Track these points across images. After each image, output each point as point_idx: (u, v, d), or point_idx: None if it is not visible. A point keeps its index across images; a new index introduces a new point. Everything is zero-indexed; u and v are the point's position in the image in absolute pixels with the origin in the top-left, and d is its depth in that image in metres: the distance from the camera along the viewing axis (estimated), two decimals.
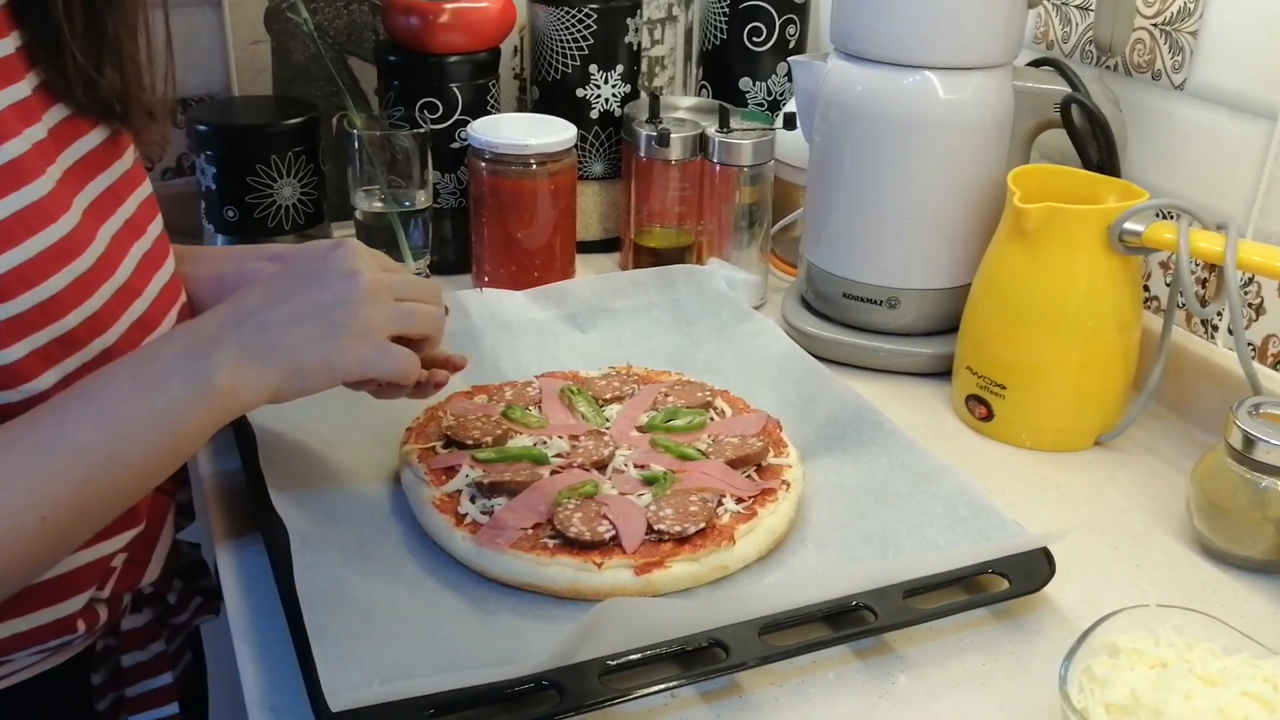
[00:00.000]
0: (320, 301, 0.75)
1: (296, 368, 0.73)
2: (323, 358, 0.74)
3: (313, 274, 0.76)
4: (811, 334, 1.18)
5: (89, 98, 0.78)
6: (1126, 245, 0.98)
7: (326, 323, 0.74)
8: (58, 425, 0.69)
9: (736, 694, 0.75)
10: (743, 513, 0.86)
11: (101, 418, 0.69)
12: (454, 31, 1.26)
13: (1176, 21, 1.07)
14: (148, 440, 0.70)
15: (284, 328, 0.73)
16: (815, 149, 1.18)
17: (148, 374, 0.71)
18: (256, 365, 0.72)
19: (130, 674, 0.90)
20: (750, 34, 1.41)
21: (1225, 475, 0.88)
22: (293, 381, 0.74)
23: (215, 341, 0.72)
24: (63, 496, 0.67)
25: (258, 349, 0.72)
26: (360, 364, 0.75)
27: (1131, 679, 0.69)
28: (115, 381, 0.71)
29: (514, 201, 1.22)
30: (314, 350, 0.74)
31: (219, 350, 0.71)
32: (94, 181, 0.79)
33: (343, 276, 0.76)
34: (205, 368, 0.71)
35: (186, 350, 0.72)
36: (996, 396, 1.04)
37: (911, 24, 1.07)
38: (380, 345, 0.76)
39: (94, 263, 0.75)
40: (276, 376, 0.73)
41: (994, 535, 0.84)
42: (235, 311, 0.74)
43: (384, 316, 0.77)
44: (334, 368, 0.75)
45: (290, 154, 1.24)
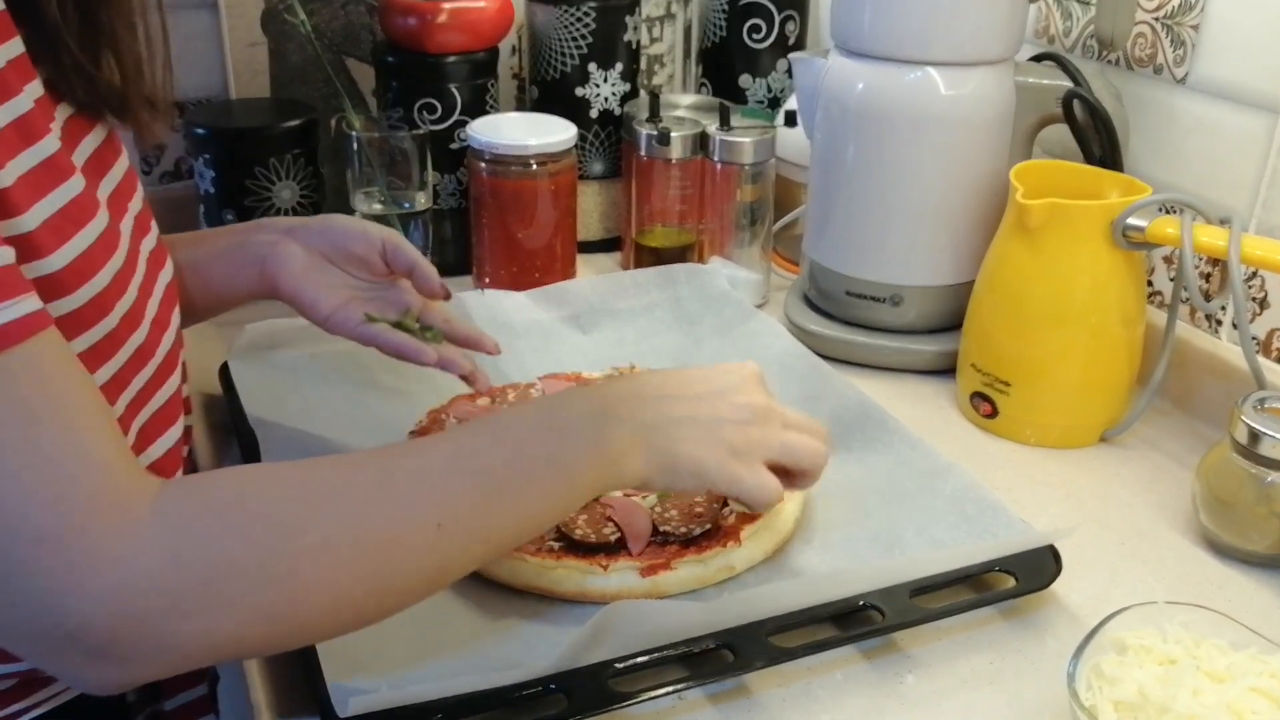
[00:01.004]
0: (716, 410, 0.77)
1: (673, 463, 0.75)
2: (700, 465, 0.75)
3: (720, 383, 0.79)
4: (814, 332, 1.18)
5: (89, 94, 0.77)
6: (1130, 240, 0.97)
7: (715, 433, 0.76)
8: (468, 445, 0.71)
9: (744, 695, 0.75)
10: (748, 513, 0.86)
11: (510, 447, 0.71)
12: (452, 31, 1.25)
13: (1178, 15, 1.07)
14: (547, 479, 0.71)
15: (678, 424, 0.75)
16: (816, 146, 1.18)
17: (557, 421, 0.73)
18: (643, 447, 0.74)
19: (168, 687, 0.90)
20: (750, 31, 1.41)
21: (1231, 470, 0.88)
22: (665, 475, 0.75)
23: (618, 413, 0.74)
24: (461, 511, 0.68)
25: (648, 434, 0.74)
26: (730, 483, 0.76)
27: (1140, 676, 0.69)
28: (525, 419, 0.74)
29: (514, 202, 1.22)
30: (693, 450, 0.75)
31: (620, 423, 0.74)
32: (106, 178, 0.78)
33: (745, 393, 0.79)
34: (606, 433, 0.73)
35: (593, 411, 0.74)
36: (1001, 393, 1.04)
37: (912, 20, 1.06)
38: (754, 470, 0.77)
39: (125, 258, 0.75)
40: (655, 465, 0.74)
41: (1000, 533, 0.84)
42: (641, 390, 0.77)
43: (766, 444, 0.78)
44: (705, 476, 0.76)
45: (289, 156, 1.24)
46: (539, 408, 0.75)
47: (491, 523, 0.69)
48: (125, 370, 0.74)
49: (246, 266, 0.95)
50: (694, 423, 0.76)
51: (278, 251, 0.94)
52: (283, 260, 0.93)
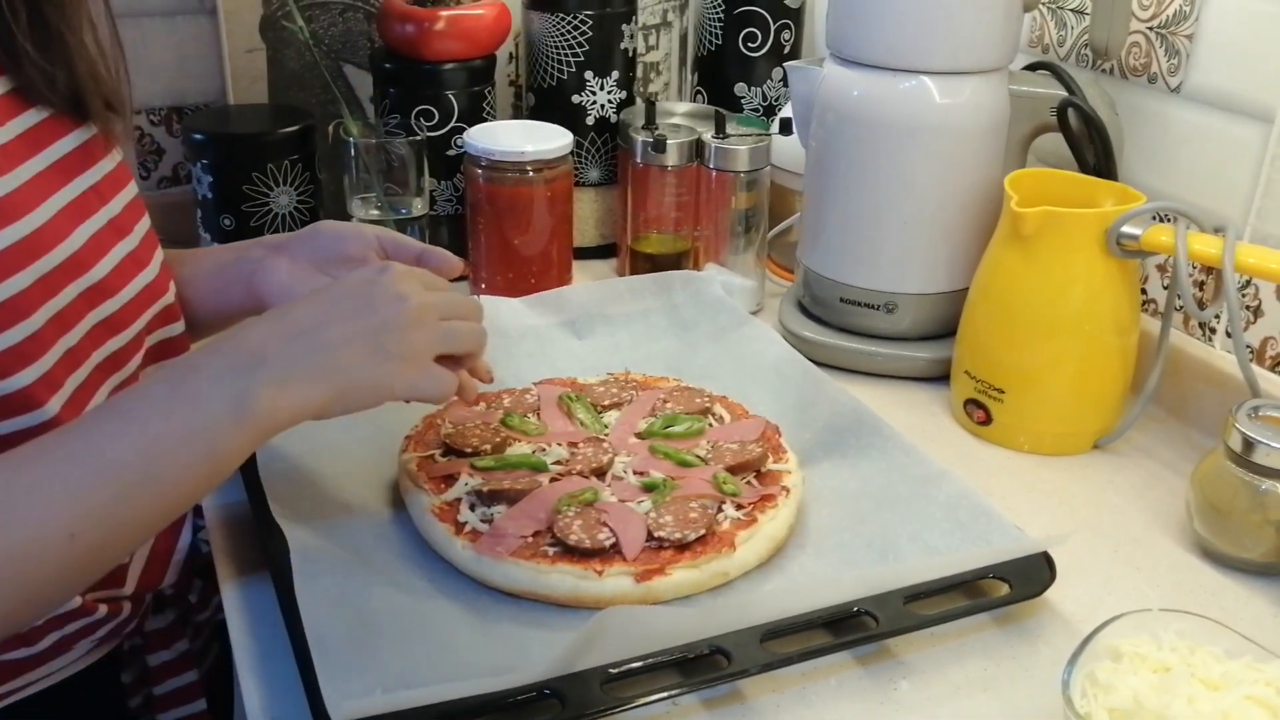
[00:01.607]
0: (369, 325, 0.75)
1: (344, 389, 0.73)
2: (371, 380, 0.74)
3: (361, 296, 0.76)
4: (809, 339, 1.18)
5: (51, 94, 0.79)
6: (1124, 248, 0.98)
7: (376, 346, 0.74)
8: (90, 440, 0.68)
9: (738, 701, 0.75)
10: (743, 519, 0.86)
11: (137, 434, 0.68)
12: (449, 39, 1.26)
13: (1172, 24, 1.07)
14: (184, 460, 0.69)
15: (334, 349, 0.73)
16: (811, 154, 1.18)
17: (187, 391, 0.70)
18: (303, 385, 0.71)
19: (157, 673, 0.92)
20: (745, 39, 1.41)
21: (1225, 478, 0.88)
22: (339, 402, 0.74)
23: (261, 359, 0.71)
24: (93, 514, 0.66)
25: (306, 369, 0.72)
26: (407, 387, 0.76)
27: (1134, 683, 0.69)
28: (152, 397, 0.70)
29: (510, 208, 1.22)
30: (363, 373, 0.74)
31: (264, 368, 0.70)
32: (73, 182, 0.80)
33: (391, 300, 0.76)
34: (250, 387, 0.70)
35: (231, 367, 0.71)
36: (995, 400, 1.04)
37: (907, 29, 1.07)
38: (426, 368, 0.77)
39: (63, 261, 0.76)
40: (323, 396, 0.73)
41: (994, 539, 0.84)
42: (282, 327, 0.74)
43: (430, 339, 0.77)
44: (380, 390, 0.75)
45: (286, 162, 1.24)
46: (166, 378, 0.71)
47: (129, 518, 0.67)
48: (56, 371, 0.76)
49: (235, 283, 0.96)
50: (348, 344, 0.74)
51: (264, 267, 0.94)
52: (268, 274, 0.94)
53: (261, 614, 0.81)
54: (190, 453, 0.68)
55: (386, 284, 0.77)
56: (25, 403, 0.75)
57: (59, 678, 0.85)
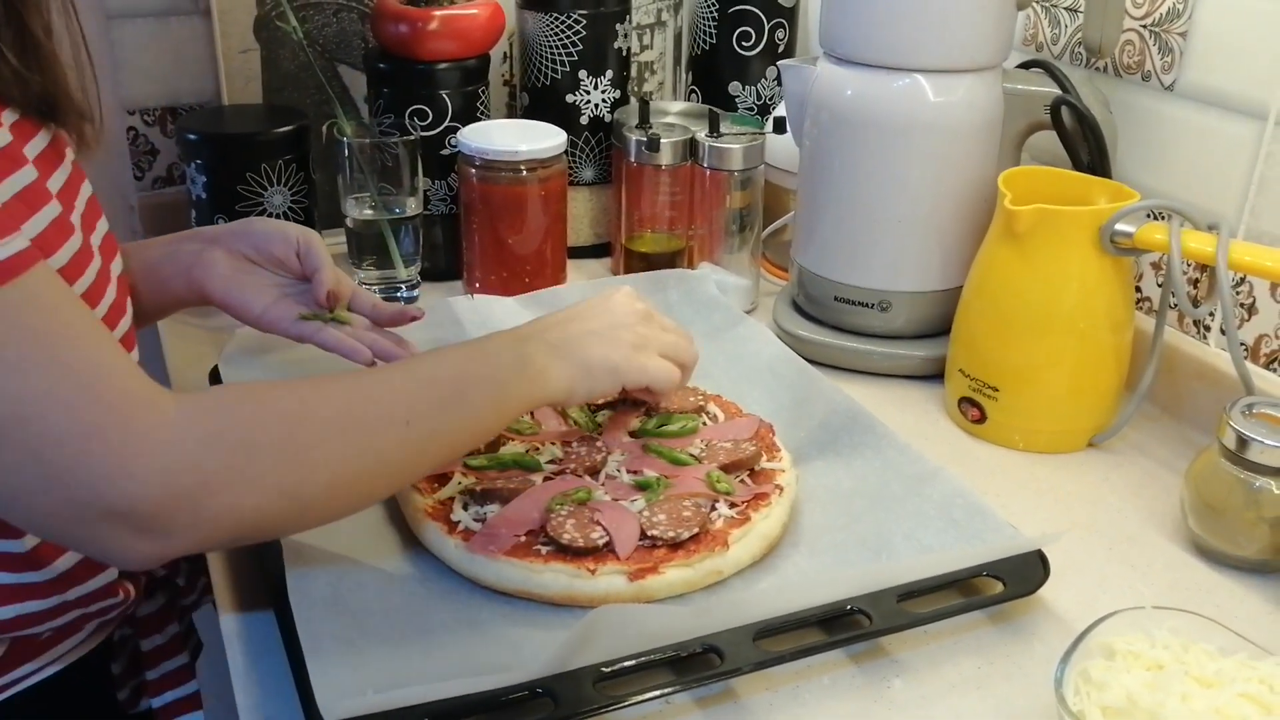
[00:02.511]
0: (608, 321, 0.90)
1: (587, 367, 0.86)
2: (610, 361, 0.87)
3: (602, 305, 0.92)
4: (803, 338, 1.18)
5: (24, 98, 0.80)
6: (1118, 246, 0.98)
7: (614, 337, 0.89)
8: (416, 366, 0.83)
9: (731, 699, 0.75)
10: (736, 517, 0.86)
11: (451, 366, 0.81)
12: (443, 38, 1.26)
13: (1166, 22, 1.07)
14: (483, 393, 0.81)
15: (582, 338, 0.87)
16: (805, 153, 1.18)
17: (483, 348, 0.85)
18: (558, 361, 0.84)
19: (150, 658, 0.94)
20: (740, 38, 1.41)
21: (1219, 476, 0.88)
22: (584, 380, 0.86)
23: (529, 339, 0.85)
24: (421, 411, 0.77)
25: (560, 350, 0.85)
26: (639, 371, 0.89)
27: (1128, 681, 0.69)
28: (462, 351, 0.85)
29: (505, 208, 1.22)
30: (604, 354, 0.87)
31: (532, 343, 0.85)
32: (55, 173, 0.81)
33: (625, 309, 0.92)
34: (525, 354, 0.84)
35: (509, 340, 0.85)
36: (989, 399, 1.04)
37: (900, 27, 1.07)
38: (654, 359, 0.90)
39: (81, 244, 0.79)
40: (573, 372, 0.85)
41: (988, 538, 0.84)
42: (540, 323, 0.89)
43: (656, 339, 0.92)
44: (618, 370, 0.87)
45: (280, 162, 1.24)
46: (469, 344, 0.87)
47: (445, 424, 0.79)
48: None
49: (175, 276, 0.98)
50: (596, 335, 0.88)
51: (203, 259, 0.97)
52: (208, 267, 0.97)
53: (254, 613, 0.81)
54: (487, 390, 0.81)
55: (621, 298, 0.93)
56: None
57: (54, 669, 0.85)
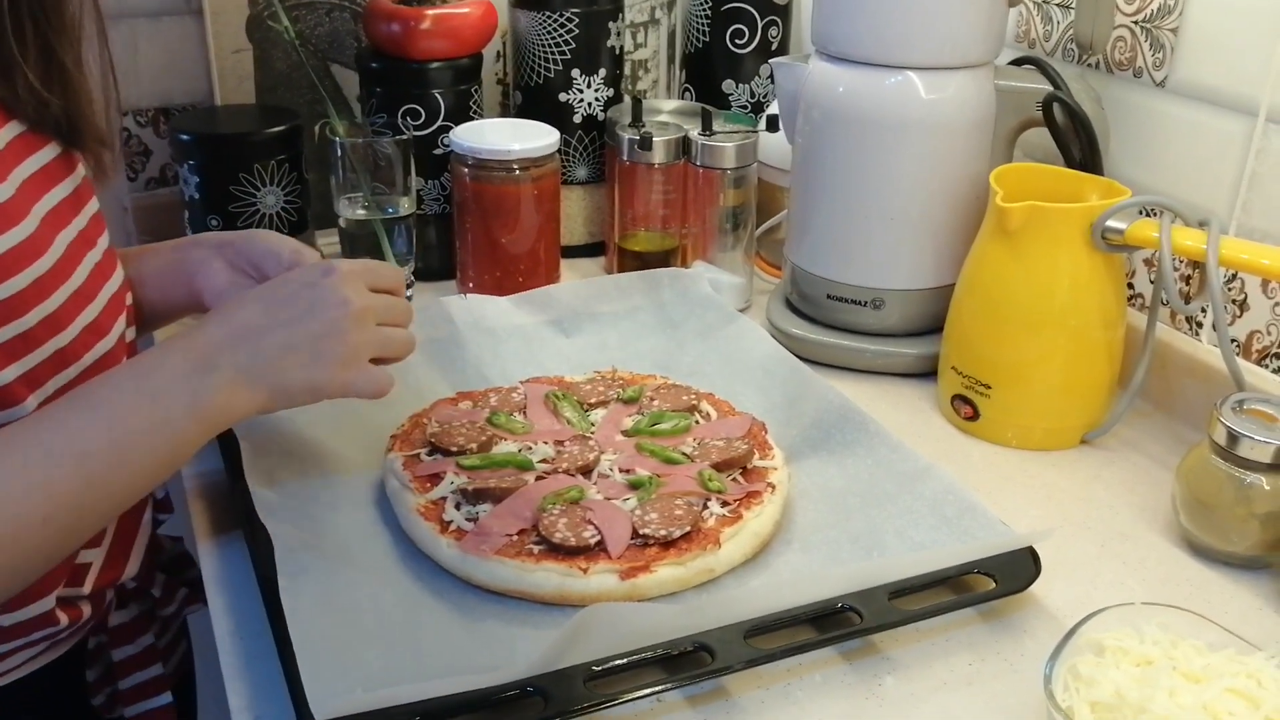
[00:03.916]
0: (311, 330, 0.80)
1: (285, 390, 0.80)
2: (310, 381, 0.80)
3: (305, 299, 0.81)
4: (796, 336, 1.18)
5: (40, 118, 0.82)
6: (1109, 243, 0.98)
7: (315, 350, 0.80)
8: (62, 430, 0.73)
9: (723, 697, 0.75)
10: (728, 516, 0.86)
11: (106, 425, 0.73)
12: (435, 37, 1.26)
13: (1157, 19, 1.07)
14: (148, 448, 0.75)
15: (278, 353, 0.79)
16: (798, 151, 1.18)
17: (150, 386, 0.76)
18: (249, 386, 0.78)
19: (122, 667, 0.93)
20: (733, 36, 1.41)
21: (1210, 472, 0.88)
22: (280, 401, 0.80)
23: (213, 362, 0.77)
24: (66, 498, 0.71)
25: (252, 371, 0.78)
26: (343, 387, 0.82)
27: (1116, 677, 0.69)
28: (120, 391, 0.76)
29: (498, 207, 1.22)
30: (304, 375, 0.80)
31: (217, 371, 0.77)
32: (51, 192, 0.82)
33: (334, 305, 0.81)
34: (204, 387, 0.76)
35: (187, 367, 0.77)
36: (982, 396, 1.04)
37: (892, 24, 1.07)
38: (362, 369, 0.82)
39: (51, 266, 0.79)
40: (266, 397, 0.79)
41: (980, 535, 0.84)
42: (231, 330, 0.79)
43: (366, 342, 0.82)
44: (319, 390, 0.81)
45: (273, 162, 1.24)
46: (133, 372, 0.77)
47: (97, 503, 0.74)
48: (39, 369, 0.79)
49: (179, 284, 0.98)
50: (294, 350, 0.79)
51: (205, 269, 0.97)
52: (209, 277, 0.96)
53: (246, 612, 0.81)
54: (154, 441, 0.75)
55: (331, 288, 0.82)
56: (5, 398, 0.76)
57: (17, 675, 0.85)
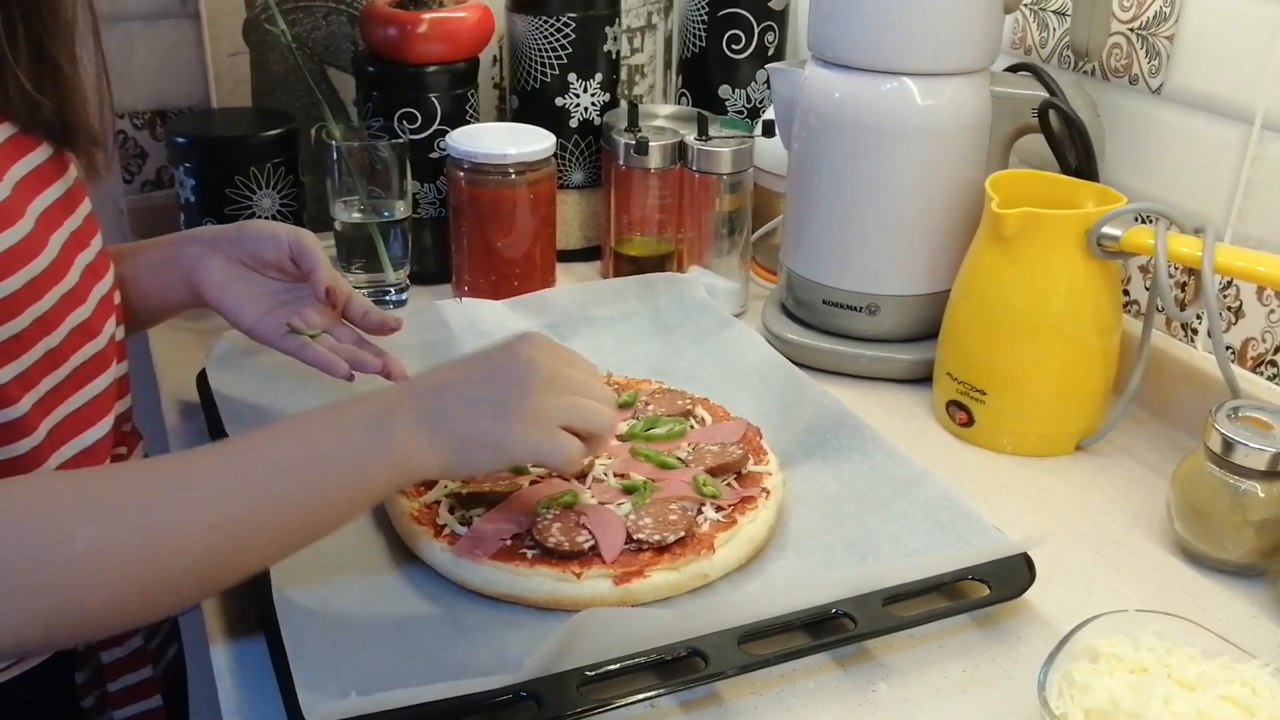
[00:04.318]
0: (498, 386, 0.77)
1: (464, 443, 0.75)
2: (493, 437, 0.76)
3: (495, 361, 0.80)
4: (792, 341, 1.18)
5: (31, 119, 0.81)
6: (1105, 249, 0.98)
7: (501, 406, 0.76)
8: (251, 444, 0.72)
9: (716, 703, 0.75)
10: (722, 521, 0.86)
11: (299, 445, 0.72)
12: (432, 41, 1.26)
13: (1153, 26, 1.07)
14: (336, 477, 0.72)
15: (460, 406, 0.76)
16: (794, 156, 1.18)
17: (340, 422, 0.74)
18: (428, 435, 0.74)
19: (111, 670, 0.92)
20: (729, 41, 1.41)
21: (1205, 479, 0.88)
22: (461, 457, 0.75)
23: (396, 408, 0.75)
24: (241, 509, 0.69)
25: (432, 420, 0.74)
26: (528, 449, 0.77)
27: (1110, 684, 0.69)
28: (312, 423, 0.74)
29: (493, 211, 1.22)
30: (485, 430, 0.75)
31: (398, 415, 0.74)
32: (44, 194, 0.82)
33: (523, 363, 0.78)
34: (387, 428, 0.73)
35: (374, 411, 0.75)
36: (977, 402, 1.04)
37: (889, 30, 1.07)
38: (550, 433, 0.77)
39: (46, 267, 0.79)
40: (444, 453, 0.75)
41: (974, 541, 0.84)
42: (419, 385, 0.78)
43: (557, 406, 0.78)
44: (502, 448, 0.76)
45: (269, 165, 1.24)
46: (318, 413, 0.76)
47: (272, 522, 0.70)
48: (32, 371, 0.78)
49: (176, 281, 0.98)
50: (479, 401, 0.76)
51: (201, 265, 0.97)
52: (206, 272, 0.97)
53: (238, 616, 0.81)
54: (341, 472, 0.72)
55: (521, 349, 0.80)
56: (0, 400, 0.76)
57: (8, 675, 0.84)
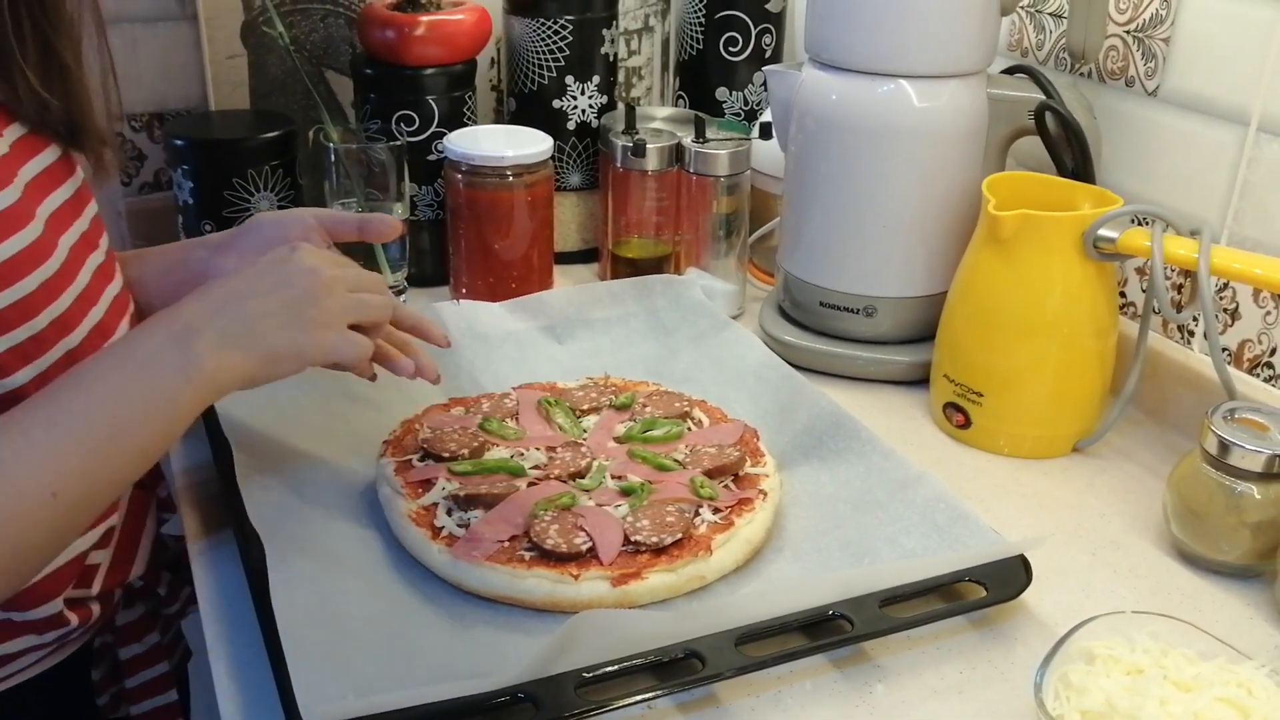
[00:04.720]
0: (286, 296, 0.81)
1: (270, 354, 0.79)
2: (294, 344, 0.80)
3: (276, 273, 0.82)
4: (789, 343, 1.18)
5: (40, 119, 0.82)
6: (1101, 251, 0.98)
7: (294, 314, 0.80)
8: (59, 405, 0.73)
9: (713, 705, 0.75)
10: (720, 523, 0.86)
11: (101, 399, 0.73)
12: (430, 44, 1.26)
13: (1149, 28, 1.08)
14: (144, 417, 0.74)
15: (257, 319, 0.79)
16: (791, 158, 1.18)
17: (136, 358, 0.75)
18: (235, 351, 0.77)
19: (129, 666, 0.94)
20: (726, 44, 1.41)
21: (1201, 480, 0.89)
22: (266, 367, 0.79)
23: (196, 329, 0.77)
24: (71, 472, 0.71)
25: (236, 337, 0.77)
26: (325, 350, 0.82)
27: (1107, 686, 0.69)
28: (105, 366, 0.75)
29: (491, 213, 1.22)
30: (285, 338, 0.80)
31: (201, 337, 0.76)
32: (53, 195, 0.82)
33: (303, 274, 0.82)
34: (191, 352, 0.76)
35: (171, 337, 0.76)
36: (974, 404, 1.04)
37: (885, 33, 1.07)
38: (341, 332, 0.83)
39: (58, 268, 0.80)
40: (253, 362, 0.78)
41: (971, 543, 0.84)
42: (210, 301, 0.80)
43: (342, 307, 0.83)
44: (303, 353, 0.81)
45: (267, 167, 1.24)
46: (119, 348, 0.77)
47: (103, 473, 0.73)
48: (51, 372, 0.79)
49: (187, 283, 0.96)
50: (273, 315, 0.80)
51: (214, 264, 0.97)
52: (218, 271, 0.96)
53: (237, 617, 0.81)
54: (149, 409, 0.75)
55: (299, 260, 0.84)
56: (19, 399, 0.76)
57: (25, 676, 0.85)
